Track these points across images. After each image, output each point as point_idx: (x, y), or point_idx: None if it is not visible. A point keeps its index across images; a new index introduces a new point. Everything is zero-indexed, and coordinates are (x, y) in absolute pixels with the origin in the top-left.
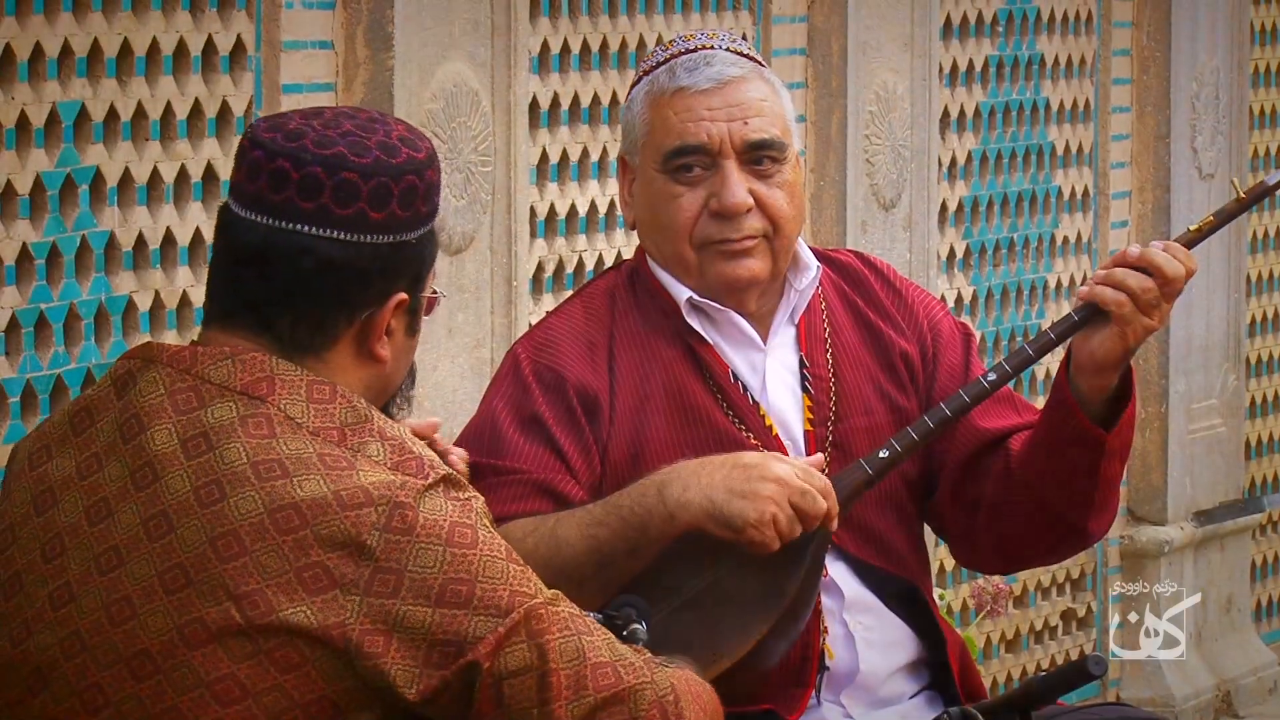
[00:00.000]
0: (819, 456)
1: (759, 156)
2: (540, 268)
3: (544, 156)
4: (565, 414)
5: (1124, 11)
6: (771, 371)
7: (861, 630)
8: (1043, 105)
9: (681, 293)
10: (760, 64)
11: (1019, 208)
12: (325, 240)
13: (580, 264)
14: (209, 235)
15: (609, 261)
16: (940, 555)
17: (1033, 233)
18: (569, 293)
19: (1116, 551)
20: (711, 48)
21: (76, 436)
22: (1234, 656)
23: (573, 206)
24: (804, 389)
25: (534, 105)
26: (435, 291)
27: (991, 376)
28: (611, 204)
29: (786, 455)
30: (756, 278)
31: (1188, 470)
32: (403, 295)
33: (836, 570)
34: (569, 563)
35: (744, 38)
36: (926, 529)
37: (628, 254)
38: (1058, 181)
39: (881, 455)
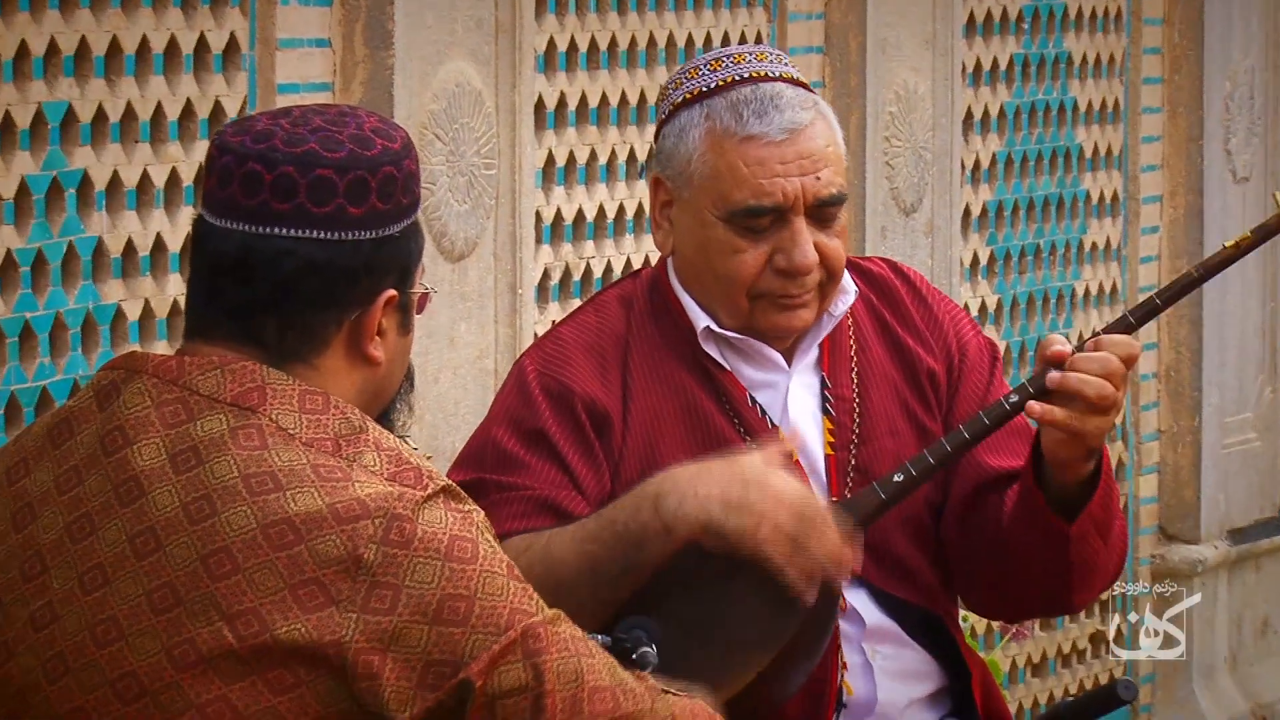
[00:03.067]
0: (820, 498)
1: (825, 211)
2: (546, 275)
3: (550, 159)
4: (573, 429)
5: (1155, 8)
6: (794, 394)
7: (880, 660)
8: (1070, 106)
9: (700, 320)
10: (810, 90)
11: (1045, 213)
12: (306, 241)
13: (588, 271)
14: None
15: (618, 269)
16: None
17: (1060, 239)
18: (576, 301)
19: (1147, 571)
20: (768, 76)
21: (55, 449)
22: (1270, 680)
23: (580, 211)
24: (825, 410)
25: (539, 106)
26: (425, 287)
27: (1014, 399)
28: (620, 209)
29: (805, 477)
30: (807, 325)
31: (1221, 486)
32: (391, 292)
33: (857, 599)
34: (564, 581)
35: (757, 42)
36: None
37: (637, 260)
38: (1086, 185)
39: (896, 479)
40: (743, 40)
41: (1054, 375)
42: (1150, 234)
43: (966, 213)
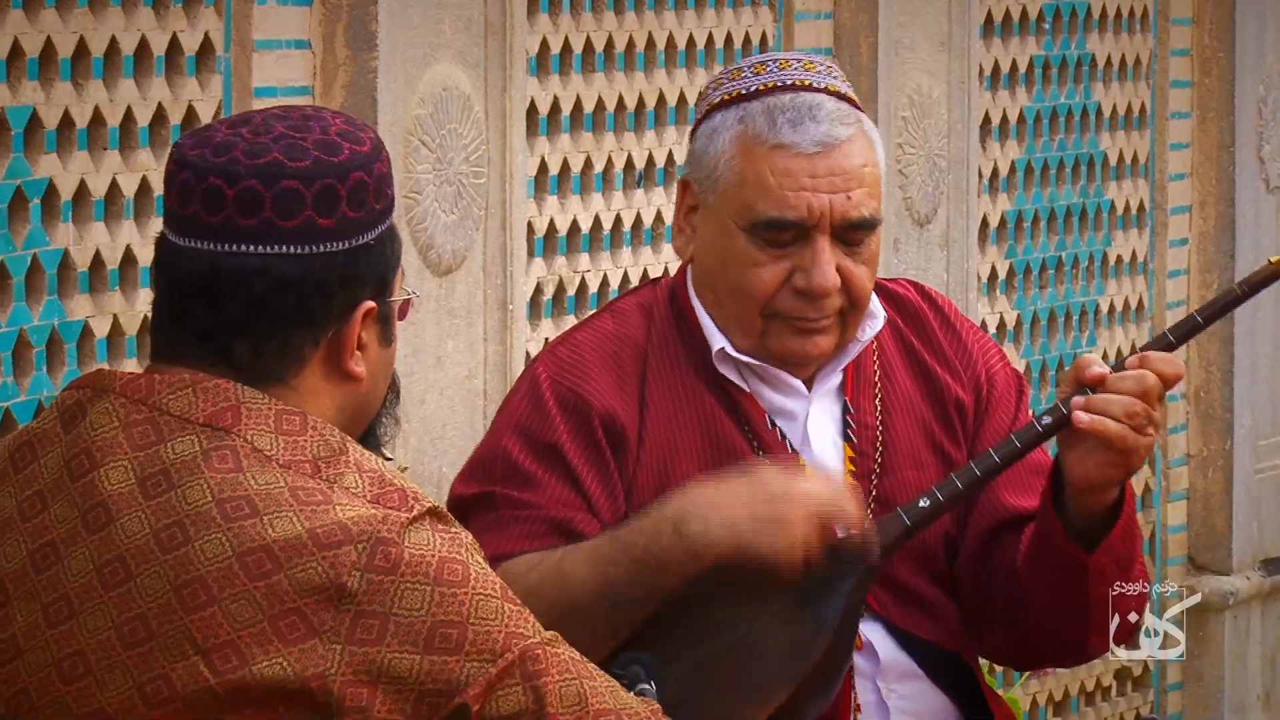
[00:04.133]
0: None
1: (854, 234)
2: (538, 290)
3: (543, 167)
4: (588, 444)
5: (1183, 7)
6: (814, 420)
7: (896, 699)
8: (1094, 111)
9: (717, 341)
10: (858, 106)
11: (1067, 224)
12: (275, 258)
13: (583, 285)
14: None
15: (615, 283)
16: None
17: (1083, 251)
18: (570, 318)
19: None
20: (811, 86)
21: (17, 474)
22: None
23: (574, 222)
24: (846, 438)
25: (532, 111)
26: (408, 292)
27: (1046, 420)
28: (618, 219)
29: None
30: (824, 354)
31: (1254, 513)
32: (370, 304)
33: (873, 634)
34: (578, 603)
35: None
36: None
37: (635, 274)
38: (1110, 195)
39: (922, 505)
40: (747, 41)
41: (1078, 398)
42: (1179, 247)
43: (984, 224)
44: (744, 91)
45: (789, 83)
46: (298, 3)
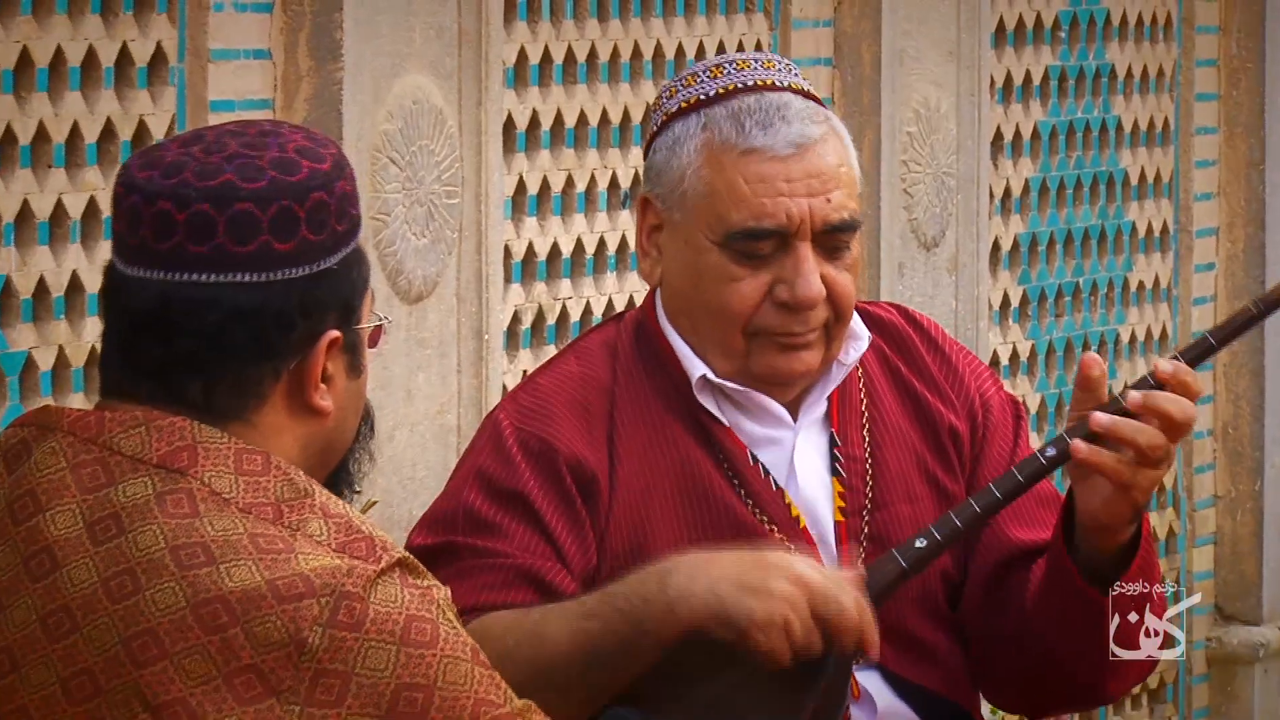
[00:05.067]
0: (858, 570)
1: (835, 238)
2: (516, 318)
3: (521, 186)
4: (555, 490)
5: (1209, 15)
6: (801, 453)
7: None
8: (1113, 125)
9: (696, 368)
10: (822, 104)
11: (1085, 247)
12: (230, 287)
13: (563, 314)
14: None
15: (598, 310)
16: None
17: (1102, 277)
18: (549, 348)
19: (1202, 656)
20: (775, 85)
21: None
22: None
23: (555, 246)
24: (833, 472)
25: (509, 125)
26: (379, 317)
27: (1050, 452)
28: (601, 242)
29: (815, 551)
30: (810, 370)
31: None
32: (335, 333)
33: (871, 683)
34: (553, 663)
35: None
36: None
37: (620, 301)
38: (1131, 216)
39: (918, 545)
40: (740, 50)
41: (1101, 418)
42: (1205, 272)
43: (995, 247)
44: (703, 97)
45: (751, 83)
46: (257, 10)
